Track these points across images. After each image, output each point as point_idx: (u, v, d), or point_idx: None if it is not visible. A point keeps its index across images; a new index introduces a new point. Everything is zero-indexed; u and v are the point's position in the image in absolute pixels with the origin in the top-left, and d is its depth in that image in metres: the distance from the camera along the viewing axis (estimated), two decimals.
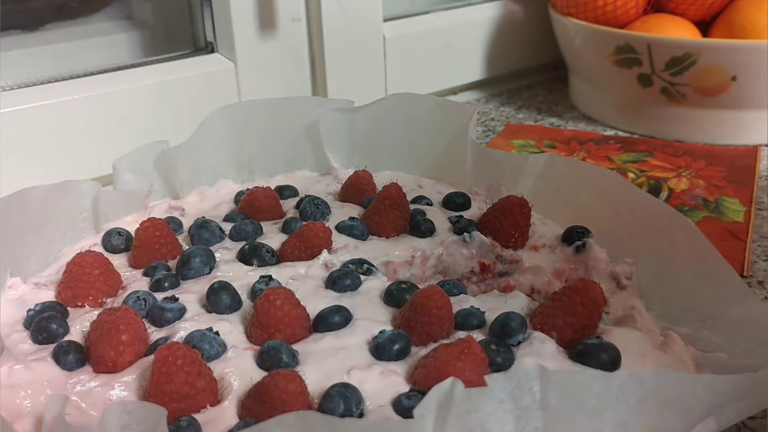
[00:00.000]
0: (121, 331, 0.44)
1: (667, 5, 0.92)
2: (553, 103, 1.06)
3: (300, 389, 0.39)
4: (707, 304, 0.49)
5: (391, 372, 0.43)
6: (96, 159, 0.76)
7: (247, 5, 0.82)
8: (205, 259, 0.54)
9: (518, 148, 0.90)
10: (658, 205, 0.54)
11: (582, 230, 0.57)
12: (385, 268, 0.56)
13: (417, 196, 0.65)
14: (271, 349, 0.44)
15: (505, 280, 0.58)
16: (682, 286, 0.51)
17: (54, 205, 0.57)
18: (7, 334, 0.48)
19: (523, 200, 0.58)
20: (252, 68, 0.85)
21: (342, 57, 0.91)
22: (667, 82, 0.87)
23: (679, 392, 0.36)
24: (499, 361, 0.43)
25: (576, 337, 0.45)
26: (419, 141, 0.70)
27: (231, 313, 0.49)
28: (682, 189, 0.78)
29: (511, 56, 1.11)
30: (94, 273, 0.51)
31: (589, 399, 0.35)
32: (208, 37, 0.88)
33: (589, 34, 0.92)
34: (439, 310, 0.45)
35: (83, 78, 0.78)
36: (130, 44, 0.92)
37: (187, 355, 0.40)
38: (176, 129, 0.74)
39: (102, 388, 0.43)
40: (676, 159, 0.85)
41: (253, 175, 0.71)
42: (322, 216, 0.61)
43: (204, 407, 0.41)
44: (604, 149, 0.89)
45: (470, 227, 0.59)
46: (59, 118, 0.75)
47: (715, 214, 0.72)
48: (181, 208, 0.65)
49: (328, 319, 0.47)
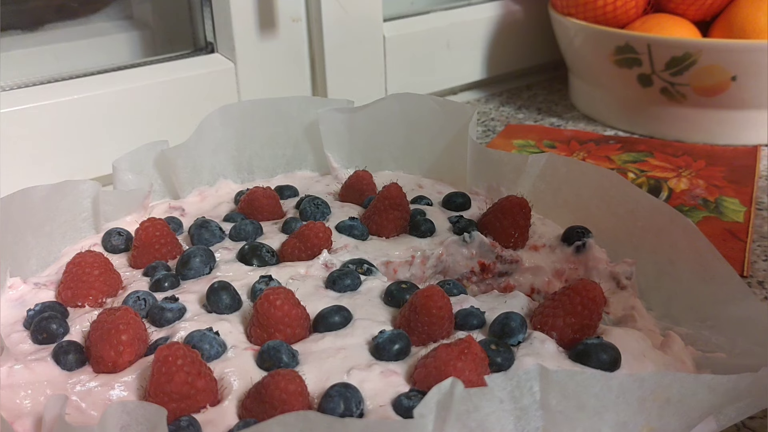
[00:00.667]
0: (121, 331, 0.44)
1: (667, 5, 0.92)
2: (553, 103, 1.06)
3: (300, 389, 0.39)
4: (707, 304, 0.49)
5: (391, 372, 0.43)
6: (96, 159, 0.76)
7: (247, 5, 0.82)
8: (205, 259, 0.54)
9: (518, 148, 0.90)
10: (658, 205, 0.54)
11: (582, 230, 0.57)
12: (385, 268, 0.56)
13: (417, 196, 0.65)
14: (271, 349, 0.44)
15: (505, 280, 0.58)
16: (682, 286, 0.51)
17: (54, 205, 0.57)
18: (7, 334, 0.48)
19: (523, 200, 0.58)
20: (252, 68, 0.85)
21: (342, 57, 0.91)
22: (667, 82, 0.87)
23: (679, 392, 0.36)
24: (499, 361, 0.43)
25: (576, 337, 0.45)
26: (419, 141, 0.70)
27: (231, 313, 0.49)
28: (682, 189, 0.78)
29: (511, 56, 1.11)
30: (94, 273, 0.51)
31: (589, 399, 0.35)
32: (208, 37, 0.88)
33: (589, 34, 0.92)
34: (439, 310, 0.45)
35: (83, 78, 0.78)
36: (130, 44, 0.92)
37: (187, 355, 0.40)
38: (176, 129, 0.74)
39: (102, 388, 0.43)
40: (676, 159, 0.85)
41: (253, 175, 0.72)
42: (322, 216, 0.61)
43: (204, 407, 0.41)
44: (604, 149, 0.89)
45: (470, 227, 0.59)
46: (59, 118, 0.75)
47: (715, 214, 0.72)
48: (181, 208, 0.65)
49: (328, 319, 0.47)
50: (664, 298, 0.52)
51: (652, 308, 0.52)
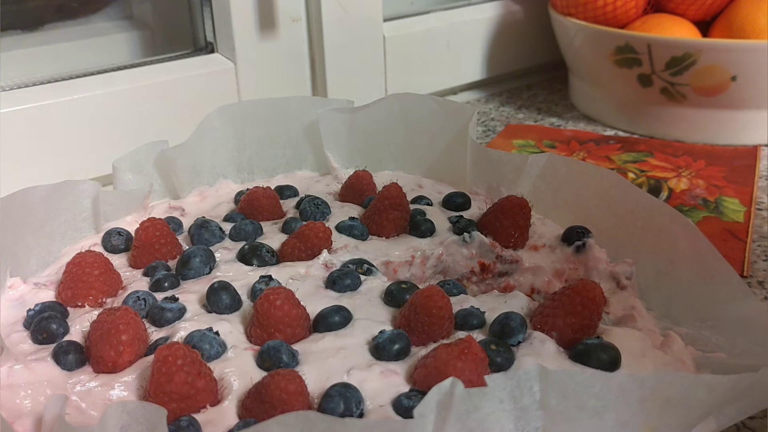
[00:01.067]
0: (121, 331, 0.44)
1: (667, 5, 0.92)
2: (553, 103, 1.06)
3: (300, 389, 0.39)
4: (707, 304, 0.49)
5: (391, 372, 0.43)
6: (96, 159, 0.76)
7: (247, 5, 0.82)
8: (205, 259, 0.54)
9: (518, 148, 0.90)
10: (658, 205, 0.54)
11: (582, 230, 0.57)
12: (385, 268, 0.56)
13: (417, 196, 0.65)
14: (271, 349, 0.44)
15: (505, 280, 0.58)
16: (682, 286, 0.51)
17: (54, 205, 0.57)
18: (7, 334, 0.48)
19: (523, 200, 0.58)
20: (252, 68, 0.85)
21: (342, 57, 0.91)
22: (667, 82, 0.87)
23: (679, 392, 0.36)
24: (499, 361, 0.43)
25: (576, 337, 0.45)
26: (419, 141, 0.70)
27: (231, 313, 0.49)
28: (682, 189, 0.78)
29: (511, 56, 1.11)
30: (94, 273, 0.51)
31: (589, 399, 0.35)
32: (208, 37, 0.88)
33: (589, 34, 0.92)
34: (439, 310, 0.45)
35: (83, 78, 0.78)
36: (130, 44, 0.92)
37: (187, 355, 0.40)
38: (176, 129, 0.74)
39: (102, 388, 0.43)
40: (676, 159, 0.85)
41: (253, 175, 0.71)
42: (322, 216, 0.61)
43: (204, 407, 0.41)
44: (604, 149, 0.89)
45: (470, 227, 0.59)
46: (59, 118, 0.75)
47: (715, 214, 0.72)
48: (181, 208, 0.65)
49: (328, 319, 0.47)
50: (664, 298, 0.52)
51: (652, 308, 0.52)
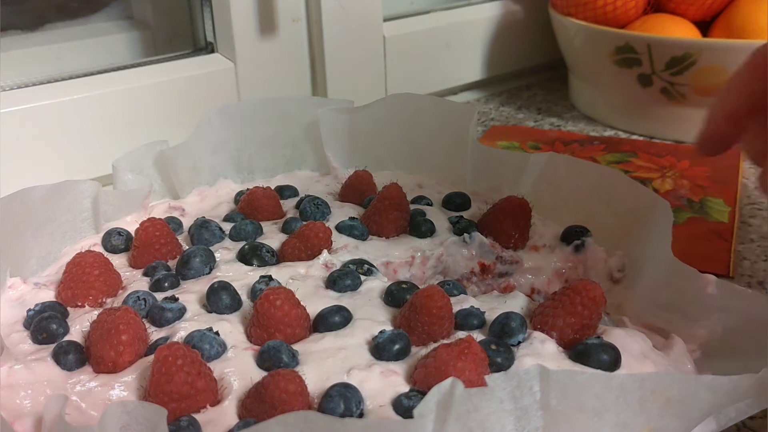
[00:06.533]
0: (121, 331, 0.44)
1: (667, 5, 0.92)
2: (553, 103, 1.06)
3: (300, 389, 0.39)
4: (706, 303, 0.49)
5: (391, 372, 0.43)
6: (96, 159, 0.76)
7: (247, 5, 0.82)
8: (205, 259, 0.54)
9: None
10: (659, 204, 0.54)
11: (580, 229, 0.57)
12: (385, 269, 0.56)
13: (417, 196, 0.65)
14: (271, 349, 0.44)
15: (505, 281, 0.58)
16: (682, 285, 0.51)
17: (54, 205, 0.57)
18: (7, 334, 0.48)
19: (524, 200, 0.58)
20: (252, 68, 0.85)
21: (342, 57, 0.91)
22: (667, 82, 0.87)
23: (679, 392, 0.36)
24: (499, 361, 0.43)
25: (576, 337, 0.45)
26: (419, 141, 0.70)
27: (231, 313, 0.49)
28: (666, 189, 0.77)
29: (511, 56, 1.11)
30: (94, 273, 0.51)
31: (589, 399, 0.35)
32: (208, 37, 0.88)
33: (589, 34, 0.92)
34: (439, 310, 0.45)
35: (83, 78, 0.78)
36: (130, 44, 0.92)
37: (187, 355, 0.40)
38: (176, 129, 0.74)
39: (102, 388, 0.43)
40: (660, 159, 0.85)
41: (253, 175, 0.71)
42: (322, 216, 0.61)
43: (204, 407, 0.41)
44: (588, 150, 0.88)
45: (470, 228, 0.59)
46: (59, 118, 0.75)
47: (700, 215, 0.72)
48: (181, 208, 0.65)
49: (328, 319, 0.47)
50: (662, 297, 0.52)
51: (648, 306, 0.52)
